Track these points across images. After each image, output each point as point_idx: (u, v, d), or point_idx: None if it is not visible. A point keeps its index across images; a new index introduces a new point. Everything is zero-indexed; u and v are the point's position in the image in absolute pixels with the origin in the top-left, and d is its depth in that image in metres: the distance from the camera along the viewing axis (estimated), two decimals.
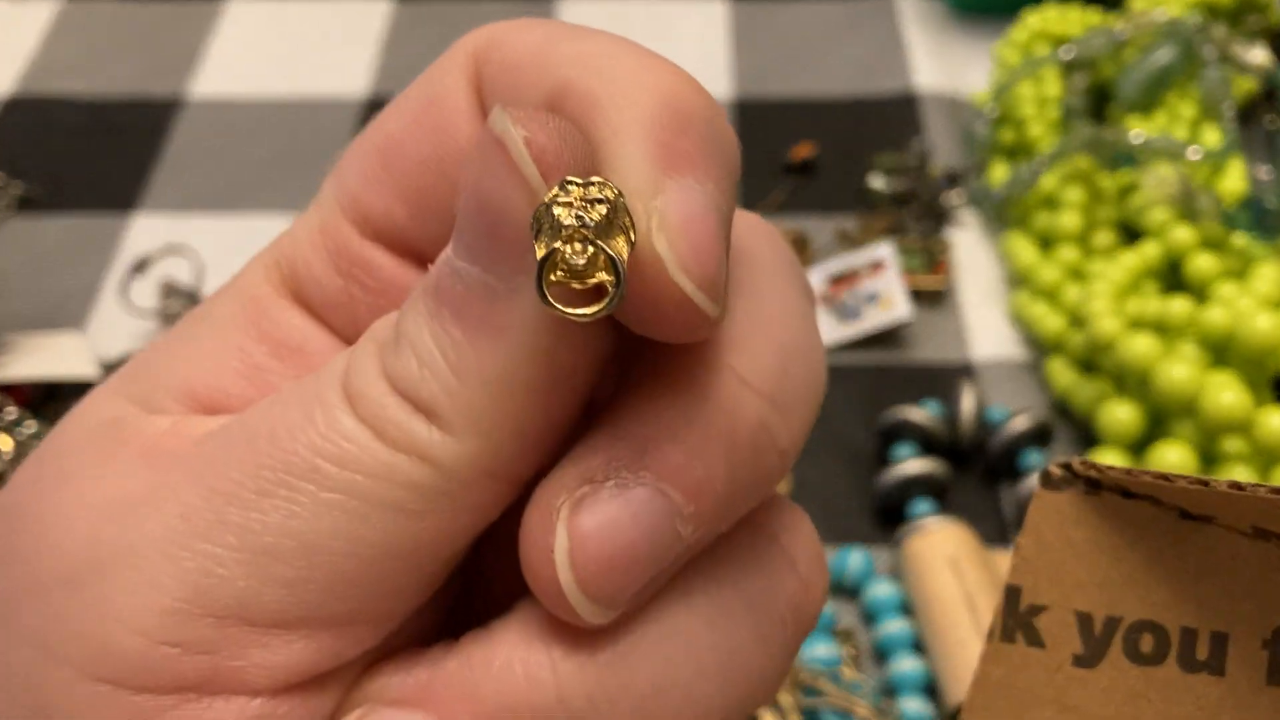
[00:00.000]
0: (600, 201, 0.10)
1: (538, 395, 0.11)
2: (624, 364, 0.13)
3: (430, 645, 0.13)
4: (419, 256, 0.14)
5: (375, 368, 0.12)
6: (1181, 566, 0.14)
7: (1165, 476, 0.14)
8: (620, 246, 0.11)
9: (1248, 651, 0.14)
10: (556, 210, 0.10)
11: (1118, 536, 0.14)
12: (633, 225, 0.11)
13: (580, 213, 0.10)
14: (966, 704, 0.15)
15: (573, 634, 0.12)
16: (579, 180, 0.11)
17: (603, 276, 0.10)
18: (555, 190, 0.10)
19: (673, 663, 0.12)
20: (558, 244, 0.10)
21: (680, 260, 0.11)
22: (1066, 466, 0.15)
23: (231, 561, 0.11)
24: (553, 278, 0.10)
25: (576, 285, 0.10)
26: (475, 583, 0.14)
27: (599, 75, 0.12)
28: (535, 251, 0.11)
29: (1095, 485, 0.14)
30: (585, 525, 0.11)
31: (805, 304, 0.14)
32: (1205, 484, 0.13)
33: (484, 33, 0.14)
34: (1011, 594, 0.15)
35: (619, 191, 0.11)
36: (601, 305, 0.11)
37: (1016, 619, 0.15)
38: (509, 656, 0.12)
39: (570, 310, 0.11)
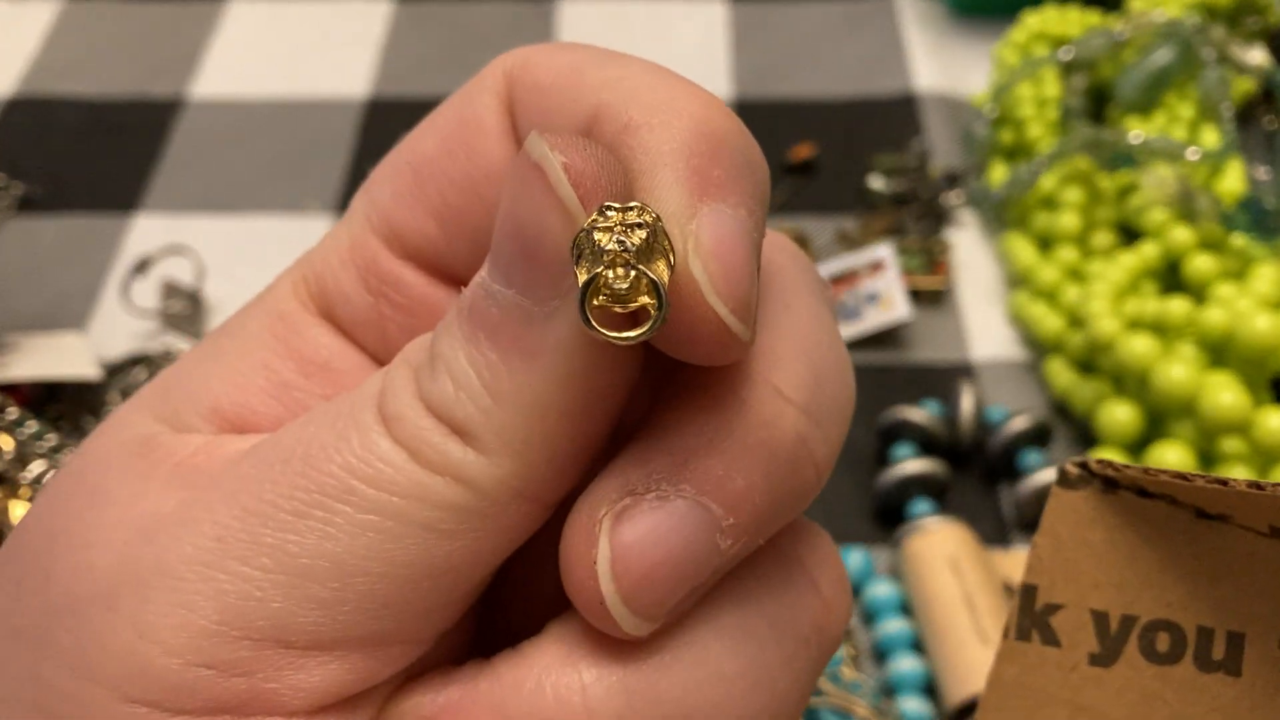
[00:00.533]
0: (640, 226, 0.11)
1: (571, 417, 0.12)
2: (654, 385, 0.13)
3: (461, 663, 0.13)
4: (449, 275, 0.14)
5: (410, 390, 0.12)
6: (1198, 566, 0.14)
7: (1183, 476, 0.13)
8: (661, 270, 0.11)
9: (1265, 651, 0.14)
10: (598, 235, 0.11)
11: (1134, 535, 0.14)
12: (671, 249, 0.11)
13: (621, 238, 0.10)
14: (981, 703, 0.15)
15: (603, 656, 0.12)
16: (618, 205, 0.11)
17: (645, 300, 0.11)
18: (595, 215, 0.11)
19: (700, 685, 0.12)
20: (600, 269, 0.10)
21: (714, 284, 0.11)
22: (1083, 465, 0.14)
23: (267, 583, 0.11)
24: (595, 302, 0.11)
25: (619, 309, 0.11)
26: (503, 599, 0.14)
27: (633, 101, 0.12)
28: (575, 275, 0.11)
29: (1112, 484, 0.14)
30: (627, 537, 0.12)
31: (832, 319, 0.14)
32: (1224, 483, 0.13)
33: (517, 55, 0.14)
34: (1028, 592, 0.15)
35: (657, 216, 0.11)
36: (644, 328, 0.11)
37: (1032, 618, 0.15)
38: (540, 678, 0.12)
39: (613, 333, 0.11)
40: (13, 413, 0.37)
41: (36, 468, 0.35)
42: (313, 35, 0.56)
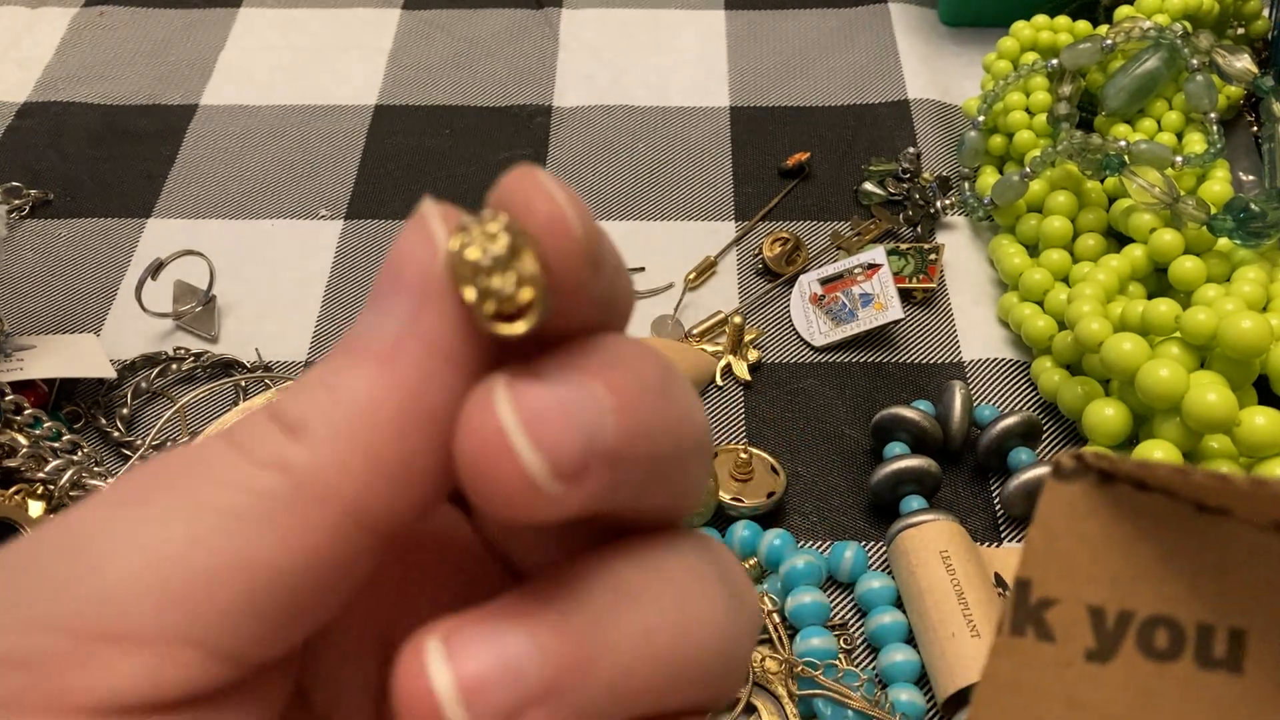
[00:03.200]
0: (498, 234, 0.12)
1: (402, 427, 0.12)
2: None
3: None
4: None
5: (264, 409, 0.12)
6: (1198, 561, 0.14)
7: (1181, 470, 0.13)
8: (530, 265, 0.12)
9: (1268, 649, 0.13)
10: (468, 254, 0.12)
11: (1131, 529, 0.14)
12: (534, 239, 0.12)
13: (486, 246, 0.12)
14: (974, 699, 0.15)
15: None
16: (471, 220, 0.12)
17: (527, 295, 0.12)
18: (459, 237, 0.12)
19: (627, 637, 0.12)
20: (481, 280, 0.12)
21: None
22: (1078, 458, 0.14)
23: (62, 566, 0.11)
24: (488, 310, 0.12)
25: (509, 309, 0.12)
26: None
27: None
28: (434, 290, 0.12)
29: (1108, 477, 0.14)
30: (530, 398, 0.11)
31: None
32: (1224, 479, 0.13)
33: None
34: (1022, 587, 0.14)
35: (509, 217, 0.12)
36: (531, 317, 0.12)
37: (1027, 612, 0.14)
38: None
39: (505, 328, 0.12)
40: (28, 412, 0.37)
41: (51, 466, 0.36)
42: (322, 43, 0.57)
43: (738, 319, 0.41)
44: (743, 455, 0.37)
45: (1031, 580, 0.14)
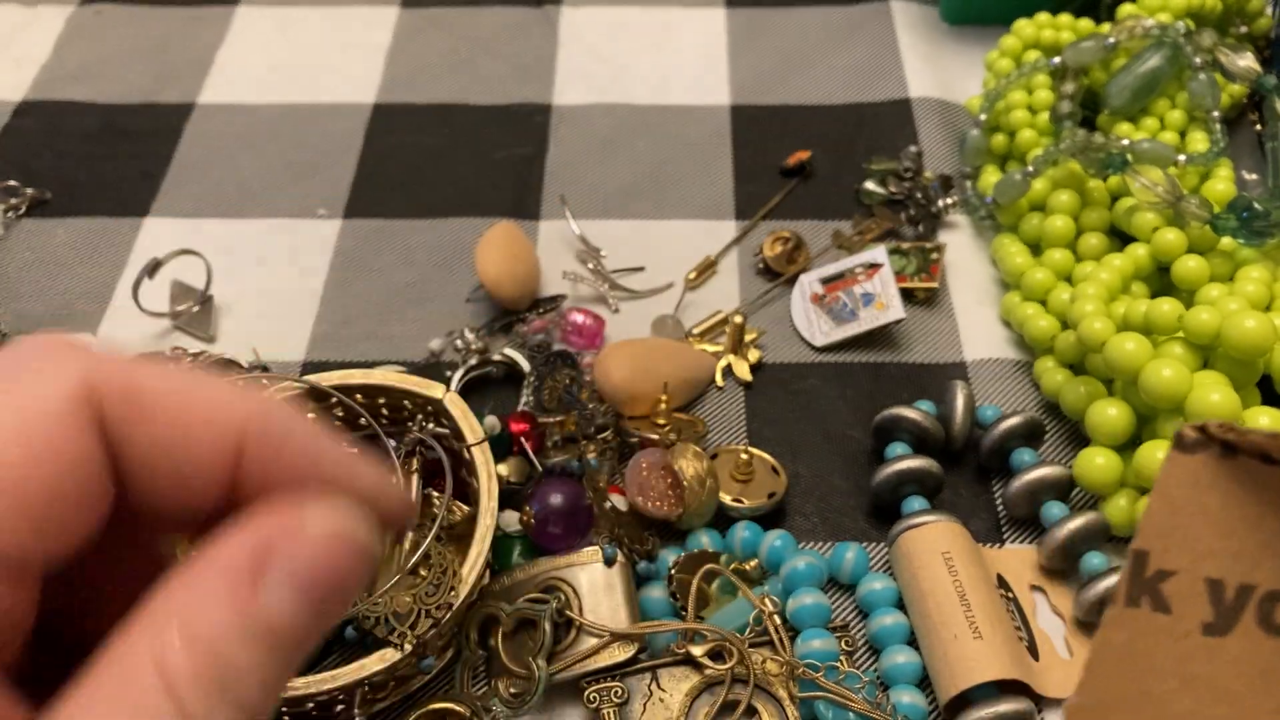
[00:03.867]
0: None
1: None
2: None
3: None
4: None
5: None
6: None
7: None
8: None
9: None
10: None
11: (1254, 502, 0.14)
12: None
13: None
14: (1087, 668, 0.14)
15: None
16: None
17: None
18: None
19: None
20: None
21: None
22: (1202, 429, 0.14)
23: None
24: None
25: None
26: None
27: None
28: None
29: (1231, 449, 0.14)
30: None
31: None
32: None
33: (104, 372, 0.14)
34: (1138, 558, 0.14)
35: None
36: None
37: (1142, 584, 0.14)
38: None
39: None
40: None
41: None
42: (320, 41, 0.56)
43: (738, 318, 0.41)
44: (743, 456, 0.36)
45: (1149, 551, 0.14)
